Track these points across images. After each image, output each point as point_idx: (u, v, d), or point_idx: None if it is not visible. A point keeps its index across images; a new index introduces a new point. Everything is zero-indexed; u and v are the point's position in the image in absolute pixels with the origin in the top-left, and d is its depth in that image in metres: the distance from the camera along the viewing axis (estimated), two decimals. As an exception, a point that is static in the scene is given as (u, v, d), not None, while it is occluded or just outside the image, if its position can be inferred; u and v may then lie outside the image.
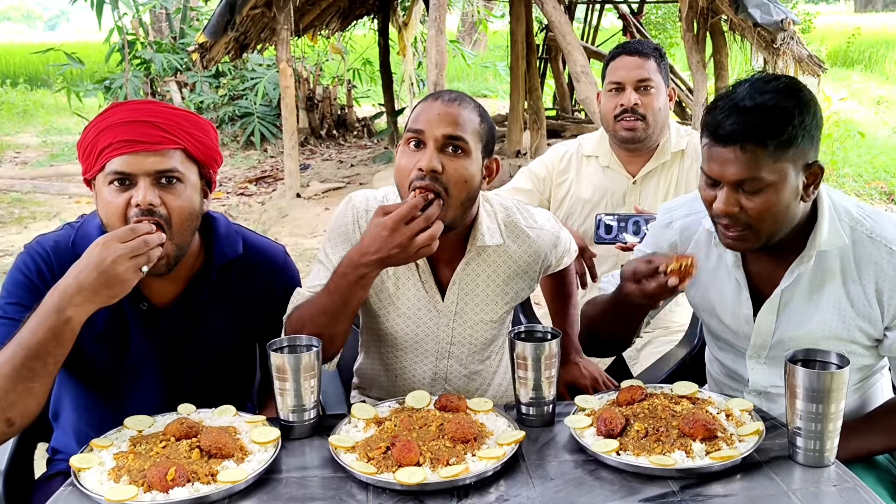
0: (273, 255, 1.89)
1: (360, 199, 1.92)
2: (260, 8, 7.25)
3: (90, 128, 1.63)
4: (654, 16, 13.00)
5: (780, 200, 1.55)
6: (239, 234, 1.84)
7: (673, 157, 2.58)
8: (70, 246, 1.70)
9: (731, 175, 1.54)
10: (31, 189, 8.57)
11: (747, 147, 1.51)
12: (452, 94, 1.78)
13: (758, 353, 1.78)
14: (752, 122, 1.50)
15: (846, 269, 1.67)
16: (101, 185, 1.62)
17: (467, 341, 1.98)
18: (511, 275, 1.94)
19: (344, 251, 1.85)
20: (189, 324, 1.77)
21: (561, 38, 6.26)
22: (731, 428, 1.58)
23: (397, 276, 1.91)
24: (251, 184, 8.78)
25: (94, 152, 1.60)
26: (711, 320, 1.86)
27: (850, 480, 1.45)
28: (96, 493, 1.40)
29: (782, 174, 1.53)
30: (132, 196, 1.59)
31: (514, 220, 1.95)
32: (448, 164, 1.71)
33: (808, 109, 1.53)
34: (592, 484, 1.47)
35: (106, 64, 12.22)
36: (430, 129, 1.71)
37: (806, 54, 6.50)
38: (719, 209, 1.58)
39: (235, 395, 1.87)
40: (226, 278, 1.80)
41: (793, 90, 1.54)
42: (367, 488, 1.46)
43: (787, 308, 1.72)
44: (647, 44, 2.58)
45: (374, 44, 10.67)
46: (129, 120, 1.59)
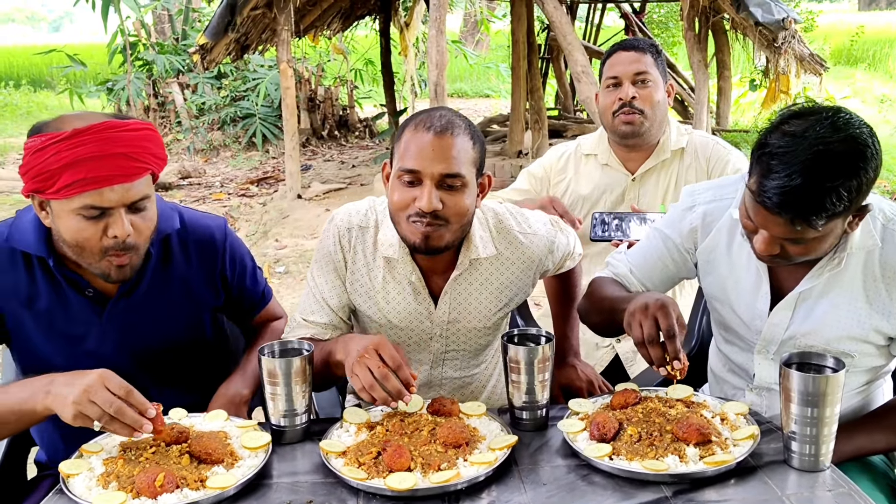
0: (210, 226, 1.87)
1: (342, 218, 1.90)
2: (260, 9, 7.24)
3: (46, 153, 1.53)
4: (657, 14, 12.99)
5: (823, 247, 1.55)
6: (175, 210, 1.83)
7: (673, 154, 2.56)
8: (5, 241, 1.70)
9: (775, 233, 1.52)
10: (33, 191, 8.57)
11: (796, 221, 1.46)
12: (442, 121, 1.72)
13: (766, 348, 1.76)
14: (803, 205, 1.44)
15: (869, 267, 1.64)
16: (66, 213, 1.58)
17: (462, 349, 1.96)
18: (504, 282, 1.92)
19: (332, 275, 1.89)
20: (137, 305, 1.76)
21: (562, 38, 6.24)
22: (726, 432, 1.57)
23: (387, 290, 1.89)
24: (252, 185, 8.78)
25: (55, 181, 1.54)
26: (724, 310, 1.83)
27: (846, 485, 1.44)
28: (84, 499, 1.39)
29: (829, 231, 1.50)
30: (107, 227, 1.58)
31: (506, 226, 1.93)
32: (447, 199, 1.71)
33: (868, 172, 1.44)
34: (585, 489, 1.45)
35: (109, 66, 12.23)
36: (425, 167, 1.69)
37: (808, 53, 6.48)
38: (759, 250, 1.56)
39: (211, 387, 1.87)
40: (167, 254, 1.80)
41: (857, 154, 1.43)
42: (357, 494, 1.45)
43: (803, 305, 1.70)
44: (642, 40, 2.57)
45: (376, 44, 10.66)
46: (101, 154, 1.54)
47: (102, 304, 1.74)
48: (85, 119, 1.57)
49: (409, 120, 1.78)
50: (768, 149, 1.47)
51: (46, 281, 1.71)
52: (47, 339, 1.73)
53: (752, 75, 10.29)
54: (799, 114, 1.50)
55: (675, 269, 1.90)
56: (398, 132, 1.79)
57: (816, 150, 1.42)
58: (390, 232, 1.84)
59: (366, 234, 1.88)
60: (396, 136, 1.79)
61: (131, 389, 1.49)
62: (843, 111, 1.48)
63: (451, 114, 1.76)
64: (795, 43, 6.05)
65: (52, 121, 1.60)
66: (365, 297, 1.90)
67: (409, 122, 1.76)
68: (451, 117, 1.74)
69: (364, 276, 1.89)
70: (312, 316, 1.90)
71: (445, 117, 1.73)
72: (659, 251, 1.90)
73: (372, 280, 1.89)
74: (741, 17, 6.04)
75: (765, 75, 8.12)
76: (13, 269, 1.70)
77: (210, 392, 1.83)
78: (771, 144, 1.47)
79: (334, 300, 1.90)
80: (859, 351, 1.67)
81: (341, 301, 1.90)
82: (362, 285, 1.89)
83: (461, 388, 2.03)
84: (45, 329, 1.73)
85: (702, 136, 2.60)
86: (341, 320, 1.92)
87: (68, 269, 1.71)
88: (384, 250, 1.85)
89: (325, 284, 1.90)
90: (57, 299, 1.71)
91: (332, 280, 1.90)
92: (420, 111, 1.80)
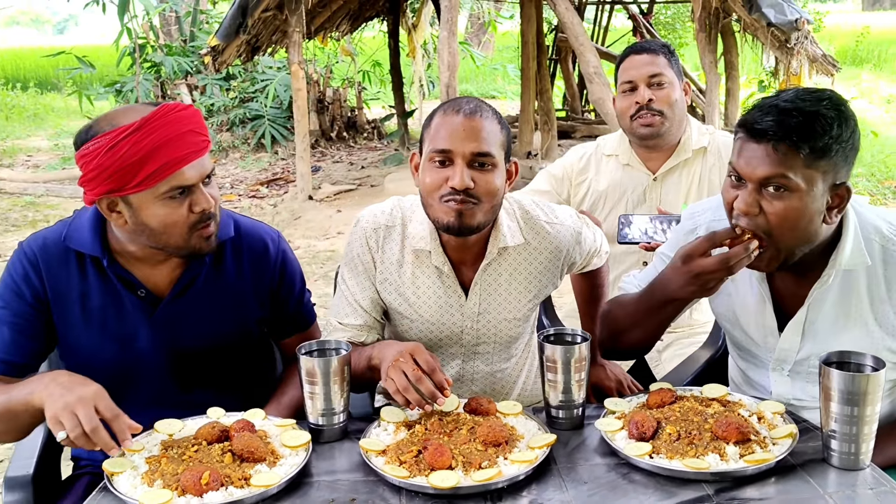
0: (265, 237, 1.88)
1: (367, 220, 1.93)
2: (272, 10, 7.27)
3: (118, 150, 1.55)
4: (664, 16, 12.99)
5: (803, 211, 1.52)
6: (230, 217, 1.85)
7: (695, 154, 2.56)
8: (62, 240, 1.73)
9: (758, 172, 1.52)
10: (44, 192, 8.61)
11: (780, 147, 1.49)
12: (471, 104, 1.77)
13: (781, 367, 1.77)
14: (790, 124, 1.49)
15: (874, 289, 1.64)
16: (151, 201, 1.61)
17: (493, 340, 1.98)
18: (533, 272, 1.94)
19: (363, 276, 1.91)
20: (187, 308, 1.78)
21: (573, 39, 6.25)
22: (764, 431, 1.57)
23: (417, 285, 1.91)
24: (262, 186, 8.80)
25: (136, 173, 1.56)
26: (735, 330, 1.84)
27: (887, 483, 1.44)
28: (130, 497, 1.40)
29: (810, 182, 1.51)
30: (191, 203, 1.64)
31: (532, 215, 1.95)
32: (478, 178, 1.74)
33: (848, 126, 1.51)
34: (626, 487, 1.46)
35: (117, 67, 12.26)
36: (457, 147, 1.73)
37: (820, 54, 6.48)
38: (740, 207, 1.55)
39: (251, 387, 1.88)
40: (219, 261, 1.81)
41: (836, 104, 1.52)
42: (399, 492, 1.46)
43: (812, 327, 1.70)
44: (655, 42, 2.58)
45: (384, 46, 10.68)
46: (173, 136, 1.58)
47: (154, 304, 1.76)
48: (133, 111, 1.61)
49: (436, 108, 1.83)
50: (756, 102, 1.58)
51: (99, 280, 1.73)
52: (96, 338, 1.75)
53: (759, 76, 10.28)
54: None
55: None
56: (427, 120, 1.82)
57: (799, 93, 1.54)
58: (420, 226, 1.87)
59: (393, 232, 1.91)
60: (425, 124, 1.84)
61: (119, 415, 1.49)
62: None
63: (477, 100, 1.81)
64: (808, 43, 6.06)
65: (96, 124, 1.62)
66: (395, 294, 1.91)
67: (438, 109, 1.82)
68: (478, 102, 1.80)
69: (394, 274, 1.91)
70: (347, 319, 1.92)
71: (473, 102, 1.79)
72: None
73: (402, 276, 1.91)
74: (753, 17, 6.04)
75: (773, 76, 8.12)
76: (66, 267, 1.72)
77: (250, 393, 1.84)
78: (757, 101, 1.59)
79: (366, 301, 1.92)
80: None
81: (373, 301, 1.93)
82: (392, 282, 1.91)
83: (492, 384, 2.04)
84: (95, 328, 1.74)
85: (725, 136, 2.60)
86: (375, 320, 1.94)
87: (122, 268, 1.73)
88: (414, 243, 1.88)
89: (356, 287, 1.92)
90: (109, 299, 1.74)
91: (362, 282, 1.92)
92: (447, 101, 1.84)
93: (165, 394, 1.80)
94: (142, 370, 1.78)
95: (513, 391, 2.09)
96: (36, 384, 1.56)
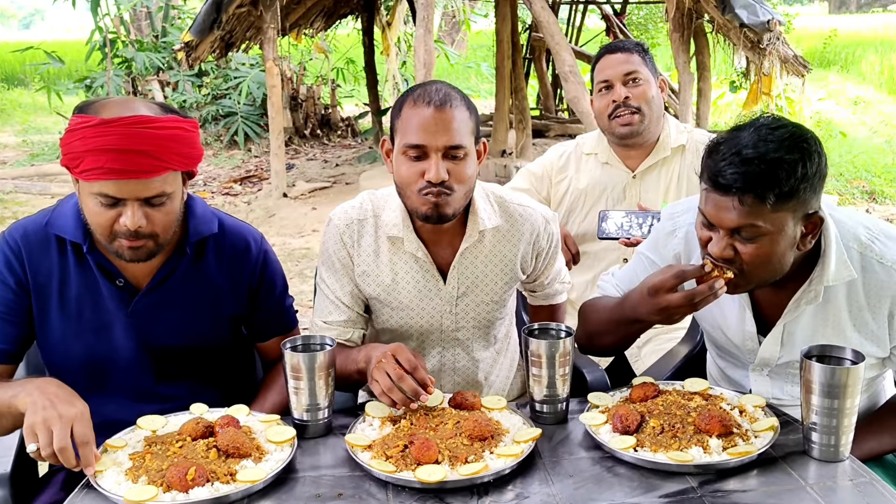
0: (248, 235, 1.88)
1: (339, 217, 1.95)
2: (246, 7, 7.21)
3: (76, 134, 1.57)
4: (637, 17, 13.09)
5: (776, 250, 1.55)
6: (215, 216, 1.84)
7: (673, 152, 2.58)
8: (43, 227, 1.72)
9: (727, 222, 1.53)
10: (12, 189, 8.47)
11: (746, 199, 1.49)
12: (440, 93, 1.77)
13: (761, 368, 1.80)
14: (753, 175, 1.48)
15: (853, 297, 1.67)
16: (86, 194, 1.61)
17: (472, 325, 2.00)
18: (507, 255, 1.97)
19: (341, 273, 1.92)
20: (164, 301, 1.77)
21: (549, 38, 6.28)
22: (746, 424, 1.60)
23: (395, 272, 1.92)
24: (236, 183, 8.73)
25: (79, 163, 1.57)
26: (715, 333, 1.87)
27: (866, 475, 1.47)
28: (115, 493, 1.39)
29: (779, 225, 1.52)
30: (120, 214, 1.60)
31: (506, 200, 1.99)
32: (453, 169, 1.77)
33: (812, 161, 1.50)
34: (611, 480, 1.47)
35: (86, 63, 12.08)
36: (430, 141, 1.74)
37: (791, 55, 6.57)
38: (714, 252, 1.57)
39: (229, 386, 1.88)
40: (200, 256, 1.81)
41: (798, 140, 1.51)
42: (386, 487, 1.46)
43: (791, 337, 1.73)
44: (629, 41, 2.60)
45: (359, 43, 10.64)
46: (121, 148, 1.55)
47: (131, 295, 1.74)
48: (123, 108, 1.59)
49: (405, 95, 1.82)
50: (716, 141, 1.56)
51: (78, 267, 1.72)
52: (72, 328, 1.73)
53: (729, 77, 10.39)
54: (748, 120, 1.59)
55: None
56: (395, 107, 1.83)
57: (761, 133, 1.52)
58: (392, 214, 1.90)
59: (366, 225, 1.93)
60: (394, 110, 1.84)
61: (90, 441, 1.47)
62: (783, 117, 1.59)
63: (445, 86, 1.81)
64: (780, 44, 6.14)
65: (96, 102, 1.63)
66: (375, 284, 1.93)
67: (406, 97, 1.81)
68: (446, 90, 1.79)
69: (372, 265, 1.93)
70: (331, 316, 1.93)
71: (442, 90, 1.78)
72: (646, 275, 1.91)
73: (379, 266, 1.92)
74: (726, 18, 6.11)
75: (744, 77, 8.22)
76: (47, 254, 1.72)
77: (227, 392, 1.83)
78: (718, 139, 1.57)
79: (347, 297, 1.93)
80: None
81: (354, 297, 1.94)
82: (370, 273, 1.93)
83: (474, 373, 2.06)
84: (72, 317, 1.73)
85: (703, 134, 2.63)
86: (358, 315, 1.95)
87: (102, 256, 1.71)
88: (388, 230, 1.90)
89: (335, 284, 1.93)
90: (87, 287, 1.72)
91: (340, 278, 1.93)
92: (414, 87, 1.84)
93: (141, 386, 1.78)
94: (117, 361, 1.77)
95: (495, 383, 2.11)
96: (21, 389, 1.55)
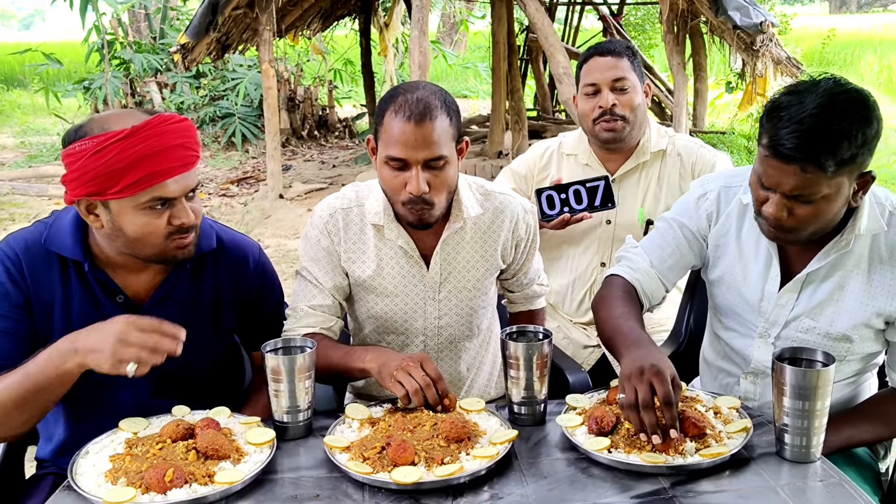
0: (246, 249, 1.91)
1: (322, 208, 1.99)
2: (242, 8, 7.23)
3: (106, 154, 1.55)
4: (634, 17, 13.10)
5: (830, 209, 1.60)
6: (213, 230, 1.86)
7: (653, 156, 2.59)
8: (42, 243, 1.70)
9: (787, 188, 1.57)
10: (9, 190, 8.49)
11: (807, 168, 1.53)
12: (420, 106, 1.76)
13: (768, 331, 1.81)
14: (814, 144, 1.51)
15: (875, 252, 1.71)
16: (130, 209, 1.60)
17: (454, 311, 2.03)
18: (488, 241, 2.01)
19: (324, 260, 1.96)
20: (165, 316, 1.73)
21: (543, 40, 6.30)
22: (720, 425, 1.62)
23: (381, 258, 1.96)
24: (233, 185, 8.75)
25: (118, 180, 1.56)
26: (730, 295, 1.88)
27: (836, 475, 1.49)
28: (93, 494, 1.40)
29: (837, 187, 1.56)
30: (171, 216, 1.63)
31: (487, 189, 2.04)
32: (433, 180, 1.81)
33: (872, 126, 1.53)
34: (585, 482, 1.49)
35: (85, 64, 12.11)
36: (410, 155, 1.78)
37: (784, 56, 6.59)
38: (770, 213, 1.62)
39: (222, 394, 1.88)
40: (200, 272, 1.82)
41: (859, 106, 1.53)
42: (363, 488, 1.48)
43: (809, 287, 1.76)
44: (618, 43, 2.58)
45: (355, 44, 10.67)
46: (163, 147, 1.58)
47: (132, 311, 1.72)
48: (127, 117, 1.60)
49: (388, 100, 1.82)
50: (777, 104, 1.57)
51: (80, 285, 1.71)
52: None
53: (727, 77, 10.42)
54: (803, 81, 1.61)
55: (690, 258, 1.93)
56: (378, 109, 1.85)
57: (823, 99, 1.53)
58: (375, 202, 1.94)
59: (350, 213, 1.97)
60: (377, 111, 1.86)
61: (160, 322, 1.56)
62: (842, 77, 1.60)
63: (426, 94, 1.80)
64: (773, 46, 6.16)
65: (87, 124, 1.61)
66: (363, 269, 1.97)
67: (389, 103, 1.81)
68: (427, 99, 1.78)
69: (358, 252, 1.97)
70: (315, 300, 1.96)
71: (423, 101, 1.77)
72: (676, 241, 1.92)
73: (366, 252, 1.96)
74: (719, 20, 6.13)
75: (741, 78, 8.24)
76: (48, 271, 1.69)
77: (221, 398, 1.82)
78: (779, 101, 1.57)
79: (329, 283, 1.97)
80: (859, 335, 1.73)
81: (335, 283, 1.97)
82: (357, 260, 1.97)
83: (457, 364, 2.09)
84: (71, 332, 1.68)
85: (685, 140, 2.64)
86: (339, 306, 1.99)
87: (103, 273, 1.71)
88: (371, 218, 1.94)
89: (318, 271, 1.96)
90: (89, 305, 1.71)
91: (324, 266, 1.96)
92: (397, 90, 1.84)
93: (138, 401, 1.77)
94: (118, 378, 1.75)
95: (477, 378, 2.14)
96: (59, 353, 1.55)
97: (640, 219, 2.57)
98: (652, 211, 2.56)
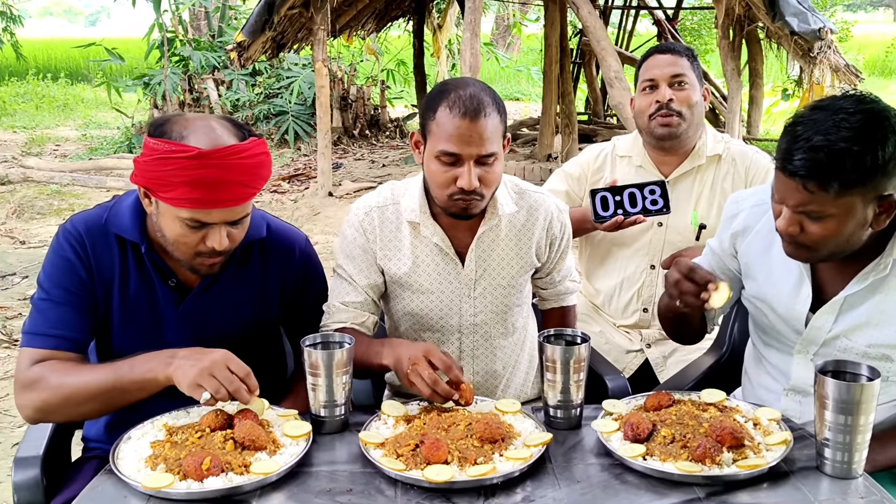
0: (293, 239, 1.94)
1: (358, 207, 2.02)
2: (297, 8, 7.32)
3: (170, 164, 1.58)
4: (690, 22, 12.93)
5: (842, 230, 1.56)
6: (264, 220, 1.90)
7: (708, 160, 2.56)
8: (103, 224, 1.76)
9: (791, 203, 1.56)
10: (70, 181, 8.73)
11: (809, 185, 1.51)
12: (474, 103, 1.79)
13: (807, 349, 1.78)
14: (817, 164, 1.49)
15: None
16: (171, 216, 1.65)
17: (489, 309, 2.04)
18: (523, 238, 2.02)
19: (360, 258, 1.98)
20: (213, 300, 1.82)
21: (595, 43, 6.25)
22: (759, 437, 1.59)
23: (416, 255, 1.97)
24: (284, 181, 8.87)
25: (168, 190, 1.60)
26: (765, 310, 1.86)
27: (878, 493, 1.45)
28: (133, 479, 1.44)
29: (845, 208, 1.53)
30: (206, 236, 1.66)
31: (521, 187, 2.06)
32: (483, 175, 1.83)
33: (887, 147, 1.48)
34: (618, 488, 1.48)
35: (145, 60, 12.40)
36: (464, 150, 1.80)
37: (843, 64, 6.43)
38: (780, 227, 1.61)
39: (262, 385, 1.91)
40: (247, 259, 1.86)
41: (874, 127, 1.49)
42: (395, 484, 1.49)
43: (846, 309, 1.72)
44: (678, 44, 2.58)
45: (409, 45, 10.73)
46: (219, 180, 1.60)
47: (182, 295, 1.80)
48: (208, 133, 1.62)
49: (439, 95, 1.83)
50: (796, 119, 1.56)
51: (136, 266, 1.77)
52: (126, 323, 1.78)
53: (784, 84, 10.22)
54: (831, 97, 1.59)
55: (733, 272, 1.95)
56: (428, 104, 1.86)
57: (836, 118, 1.50)
58: (412, 200, 1.96)
59: (385, 211, 1.99)
60: (427, 107, 1.87)
61: (249, 372, 1.61)
62: (871, 94, 1.57)
63: (479, 91, 1.82)
64: (831, 53, 6.02)
65: (170, 123, 1.64)
66: (399, 266, 1.99)
67: (440, 99, 1.82)
68: (480, 96, 1.81)
69: (394, 248, 1.99)
70: (348, 297, 1.98)
71: (476, 98, 1.80)
72: (717, 264, 1.95)
73: (402, 250, 1.98)
74: (777, 26, 6.01)
75: (798, 85, 8.07)
76: (109, 252, 1.76)
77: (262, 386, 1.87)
78: (799, 116, 1.57)
79: (363, 281, 1.99)
80: None
81: (370, 281, 1.99)
82: (393, 255, 1.99)
83: (492, 362, 2.09)
84: (128, 315, 1.78)
85: (740, 145, 2.61)
86: (373, 302, 2.01)
87: (158, 256, 1.77)
88: (407, 215, 1.96)
89: (353, 269, 1.99)
90: (144, 286, 1.78)
91: (359, 264, 1.99)
92: (446, 85, 1.86)
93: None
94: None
95: (514, 377, 2.14)
96: (154, 362, 1.62)
97: (693, 222, 2.53)
98: (705, 215, 2.53)
